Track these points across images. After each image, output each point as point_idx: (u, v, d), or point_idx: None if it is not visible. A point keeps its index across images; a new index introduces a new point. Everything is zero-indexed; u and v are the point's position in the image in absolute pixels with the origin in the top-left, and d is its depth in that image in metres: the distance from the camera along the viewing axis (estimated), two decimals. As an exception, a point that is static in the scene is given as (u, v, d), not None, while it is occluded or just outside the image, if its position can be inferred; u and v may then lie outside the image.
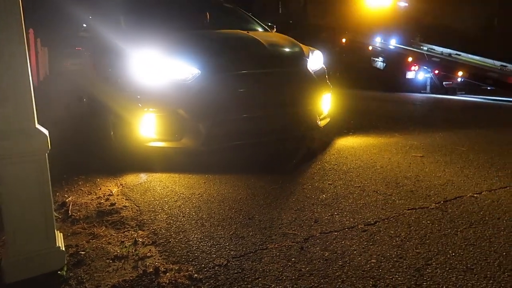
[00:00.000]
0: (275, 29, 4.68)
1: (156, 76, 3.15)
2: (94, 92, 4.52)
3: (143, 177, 3.00)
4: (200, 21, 4.35)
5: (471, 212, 2.28)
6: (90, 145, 3.92)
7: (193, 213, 2.34)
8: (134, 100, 3.18)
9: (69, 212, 2.39)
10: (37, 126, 1.69)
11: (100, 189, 2.78)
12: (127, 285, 1.66)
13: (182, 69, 3.15)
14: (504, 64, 9.24)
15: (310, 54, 3.71)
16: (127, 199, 2.59)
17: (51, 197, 1.72)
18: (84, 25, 5.44)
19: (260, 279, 1.69)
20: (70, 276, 1.73)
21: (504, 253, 1.84)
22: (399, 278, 1.67)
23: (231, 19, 4.58)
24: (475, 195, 2.52)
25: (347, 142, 3.87)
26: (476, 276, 1.67)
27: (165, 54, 3.23)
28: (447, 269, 1.73)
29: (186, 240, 2.02)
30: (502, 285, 1.61)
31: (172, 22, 4.08)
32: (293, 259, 1.83)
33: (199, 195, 2.62)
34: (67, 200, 2.55)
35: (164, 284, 1.66)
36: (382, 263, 1.78)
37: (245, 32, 3.95)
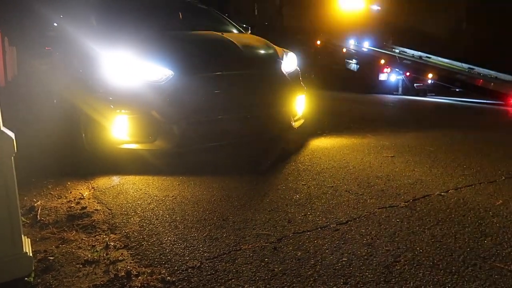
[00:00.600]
0: (249, 31, 4.70)
1: (129, 77, 3.11)
2: (65, 93, 4.41)
3: (115, 179, 2.95)
4: (173, 22, 4.32)
5: (438, 210, 2.36)
6: (60, 148, 3.82)
7: (167, 216, 2.33)
8: (106, 102, 3.13)
9: (38, 216, 2.33)
10: (2, 128, 1.64)
11: (71, 192, 2.72)
12: (97, 290, 1.64)
13: (155, 70, 3.12)
14: (472, 66, 9.59)
15: (284, 56, 3.75)
16: (98, 203, 2.54)
17: (17, 202, 1.67)
18: (55, 24, 5.31)
19: (233, 280, 1.69)
20: (38, 282, 1.68)
21: (468, 249, 1.91)
22: (369, 275, 1.71)
23: (206, 21, 4.56)
24: (442, 194, 2.61)
25: (321, 143, 3.93)
26: (442, 271, 1.73)
27: (138, 55, 3.19)
28: (414, 265, 1.78)
29: (159, 243, 2.01)
30: (466, 279, 1.68)
31: (145, 22, 4.04)
32: (266, 259, 1.85)
33: (173, 197, 2.61)
34: (35, 205, 2.48)
35: None
36: (353, 261, 1.82)
37: (220, 33, 3.95)
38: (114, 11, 4.25)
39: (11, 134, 1.64)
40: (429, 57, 10.58)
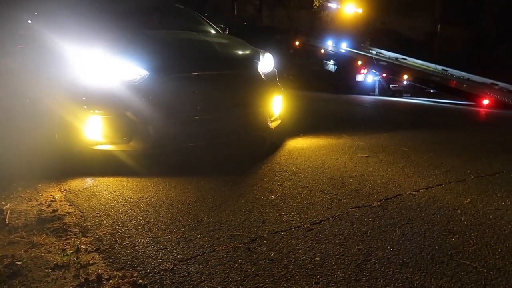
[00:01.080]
0: (227, 31, 4.69)
1: (103, 77, 3.05)
2: (37, 93, 4.29)
3: (88, 181, 2.89)
4: (150, 22, 4.27)
5: (409, 208, 2.42)
6: (32, 149, 3.71)
7: (141, 218, 2.30)
8: (79, 102, 3.07)
9: (6, 220, 2.26)
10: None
11: (42, 195, 2.65)
12: (67, 294, 1.61)
13: (130, 70, 3.08)
14: (445, 68, 9.85)
15: (261, 56, 3.76)
16: (70, 205, 2.49)
17: (-18, 205, 1.62)
18: (29, 21, 5.16)
19: (206, 281, 1.69)
20: (4, 288, 1.64)
21: (436, 247, 1.97)
22: (341, 275, 1.73)
23: (183, 20, 4.53)
24: (414, 193, 2.67)
25: (297, 144, 3.96)
26: (411, 269, 1.78)
27: (112, 54, 3.14)
28: (385, 263, 1.82)
29: (131, 246, 1.98)
30: (434, 276, 1.72)
31: (120, 21, 3.97)
32: (239, 260, 1.85)
33: (148, 199, 2.58)
34: (4, 208, 2.41)
35: (106, 291, 1.62)
36: (325, 261, 1.84)
37: (196, 33, 3.93)
38: (88, 10, 4.16)
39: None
40: (405, 59, 10.82)
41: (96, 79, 3.05)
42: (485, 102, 8.12)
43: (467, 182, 2.88)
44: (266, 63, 3.78)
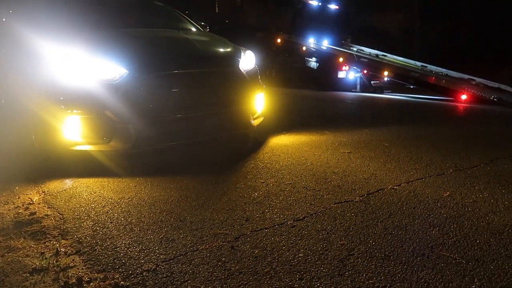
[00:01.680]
0: (208, 29, 4.66)
1: (80, 76, 2.99)
2: (13, 93, 4.17)
3: (68, 183, 2.83)
4: (129, 20, 4.21)
5: (391, 203, 2.45)
6: (8, 151, 3.61)
7: (122, 218, 2.26)
8: (56, 102, 3.00)
9: (-18, 224, 2.20)
10: None
11: (19, 197, 2.58)
12: (46, 299, 1.57)
13: (109, 68, 3.02)
14: (425, 64, 10.01)
15: (242, 54, 3.74)
16: (49, 207, 2.43)
17: (-45, 210, 1.56)
18: (4, 19, 5.01)
19: (189, 281, 1.68)
20: (-20, 294, 1.59)
21: (417, 240, 2.00)
22: (324, 270, 1.74)
23: (162, 18, 4.48)
24: (395, 187, 2.71)
25: (280, 141, 3.97)
26: (393, 262, 1.80)
27: (90, 53, 3.07)
28: (367, 258, 1.84)
29: (113, 247, 1.95)
30: (415, 269, 1.75)
31: (98, 19, 3.90)
32: (223, 258, 1.84)
33: (129, 199, 2.54)
34: (-21, 212, 2.34)
35: (87, 294, 1.59)
36: (309, 257, 1.85)
37: (177, 31, 3.89)
38: (65, 8, 4.06)
39: None
40: (385, 55, 10.94)
41: (74, 78, 2.98)
42: (463, 97, 8.30)
43: (446, 176, 2.93)
44: (248, 60, 3.77)
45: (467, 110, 7.20)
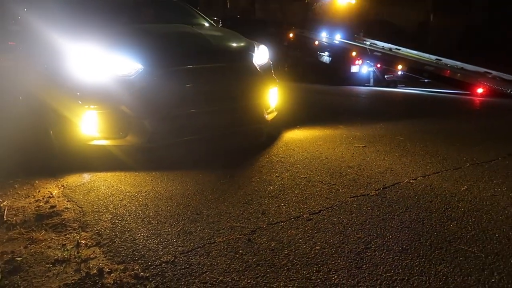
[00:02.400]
0: (220, 24, 4.67)
1: (97, 72, 3.03)
2: (30, 89, 4.25)
3: (86, 177, 2.88)
4: (143, 15, 4.24)
5: (407, 197, 2.44)
6: (27, 146, 3.69)
7: (140, 211, 2.30)
8: (74, 97, 3.04)
9: (4, 217, 2.25)
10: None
11: (39, 191, 2.64)
12: (68, 288, 1.61)
13: (124, 64, 3.05)
14: (439, 58, 9.85)
15: (256, 48, 3.74)
16: (68, 201, 2.48)
17: (-20, 202, 1.61)
18: (19, 17, 5.09)
19: (207, 272, 1.70)
20: (5, 284, 1.63)
21: (435, 233, 1.98)
22: (341, 263, 1.75)
23: (176, 14, 4.50)
24: (411, 181, 2.69)
25: (294, 135, 3.96)
26: (410, 255, 1.79)
27: (106, 49, 3.11)
28: (384, 251, 1.84)
29: (132, 239, 1.98)
30: (433, 262, 1.74)
31: (113, 15, 3.94)
32: (240, 251, 1.86)
33: (146, 192, 2.58)
34: (2, 205, 2.40)
35: (108, 284, 1.62)
36: (326, 250, 1.85)
37: (190, 26, 3.90)
38: (81, 4, 4.11)
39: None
40: (399, 49, 10.80)
41: (90, 74, 3.02)
42: (479, 90, 8.15)
43: (463, 170, 2.90)
44: (261, 55, 3.77)
45: (483, 103, 7.07)
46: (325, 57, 11.87)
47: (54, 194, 2.59)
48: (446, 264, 1.72)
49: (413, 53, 10.55)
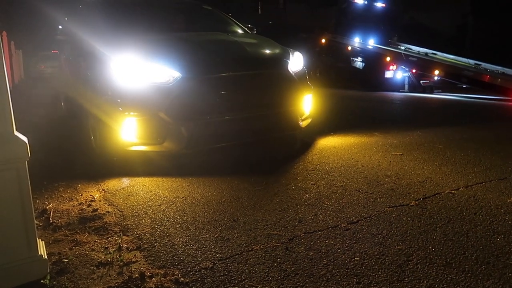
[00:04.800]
0: (255, 31, 4.70)
1: (137, 80, 3.12)
2: (72, 96, 4.44)
3: (125, 181, 2.97)
4: (179, 24, 4.33)
5: (449, 208, 2.35)
6: (69, 151, 3.85)
7: (178, 217, 2.34)
8: (114, 104, 3.15)
9: (50, 219, 2.35)
10: (16, 133, 1.66)
11: (82, 195, 2.74)
12: (112, 291, 1.65)
13: (163, 72, 3.13)
14: (478, 62, 9.51)
15: (291, 55, 3.74)
16: (109, 205, 2.56)
17: (31, 205, 1.69)
18: (60, 26, 5.33)
19: (246, 280, 1.70)
20: (54, 284, 1.70)
21: (481, 247, 1.90)
22: (382, 275, 1.71)
23: (211, 21, 4.57)
24: (453, 192, 2.60)
25: (328, 142, 3.93)
26: (455, 270, 1.73)
27: (145, 57, 3.20)
28: (427, 264, 1.78)
29: (171, 244, 2.02)
30: (480, 277, 1.67)
31: (150, 25, 4.05)
32: (278, 259, 1.85)
33: (183, 198, 2.62)
34: (47, 207, 2.51)
35: (150, 289, 1.65)
36: (365, 261, 1.82)
37: (226, 34, 3.95)
38: (120, 14, 4.26)
39: (25, 139, 1.66)
40: (435, 54, 10.51)
41: (130, 82, 3.12)
42: (522, 96, 7.80)
43: (509, 180, 2.77)
44: (296, 61, 3.77)
45: (527, 110, 6.75)
46: (358, 63, 11.72)
47: (95, 197, 2.68)
48: (494, 280, 1.65)
49: (450, 57, 10.24)
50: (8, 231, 1.64)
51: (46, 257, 1.77)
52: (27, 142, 1.65)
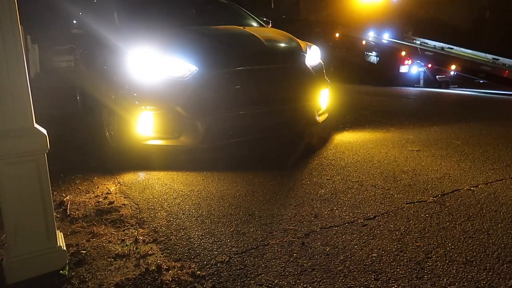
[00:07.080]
0: (270, 24, 4.67)
1: (153, 74, 3.12)
2: (88, 90, 4.47)
3: (141, 175, 2.98)
4: (195, 18, 4.32)
5: (469, 205, 2.31)
6: (85, 144, 3.89)
7: (193, 210, 2.34)
8: (130, 98, 3.16)
9: (68, 211, 2.38)
10: (36, 125, 1.67)
11: (98, 187, 2.77)
12: (130, 283, 1.66)
13: (179, 66, 3.13)
14: (496, 57, 9.29)
15: (308, 49, 3.71)
16: (125, 197, 2.58)
17: (51, 197, 1.71)
18: (74, 21, 5.36)
19: (262, 275, 1.70)
20: (72, 275, 1.72)
21: (502, 245, 1.86)
22: (401, 271, 1.68)
23: (227, 15, 4.55)
24: (472, 188, 2.55)
25: (344, 137, 3.89)
26: (476, 268, 1.70)
27: (162, 51, 3.20)
28: (447, 261, 1.75)
29: (187, 238, 2.02)
30: (502, 276, 1.63)
31: (166, 18, 4.05)
32: (294, 254, 1.84)
33: (198, 192, 2.62)
34: (65, 199, 2.54)
35: (167, 281, 1.66)
36: (383, 257, 1.79)
37: (241, 27, 3.93)
38: (135, 8, 4.26)
39: (44, 131, 1.68)
40: (452, 48, 10.30)
41: (147, 75, 3.12)
42: (542, 92, 7.61)
43: (531, 178, 2.71)
44: (313, 55, 3.73)
45: (548, 106, 6.58)
46: (373, 57, 11.57)
47: (111, 190, 2.70)
48: (517, 279, 1.61)
49: (467, 52, 10.03)
50: (29, 222, 1.66)
51: (64, 248, 1.79)
52: (46, 134, 1.67)
